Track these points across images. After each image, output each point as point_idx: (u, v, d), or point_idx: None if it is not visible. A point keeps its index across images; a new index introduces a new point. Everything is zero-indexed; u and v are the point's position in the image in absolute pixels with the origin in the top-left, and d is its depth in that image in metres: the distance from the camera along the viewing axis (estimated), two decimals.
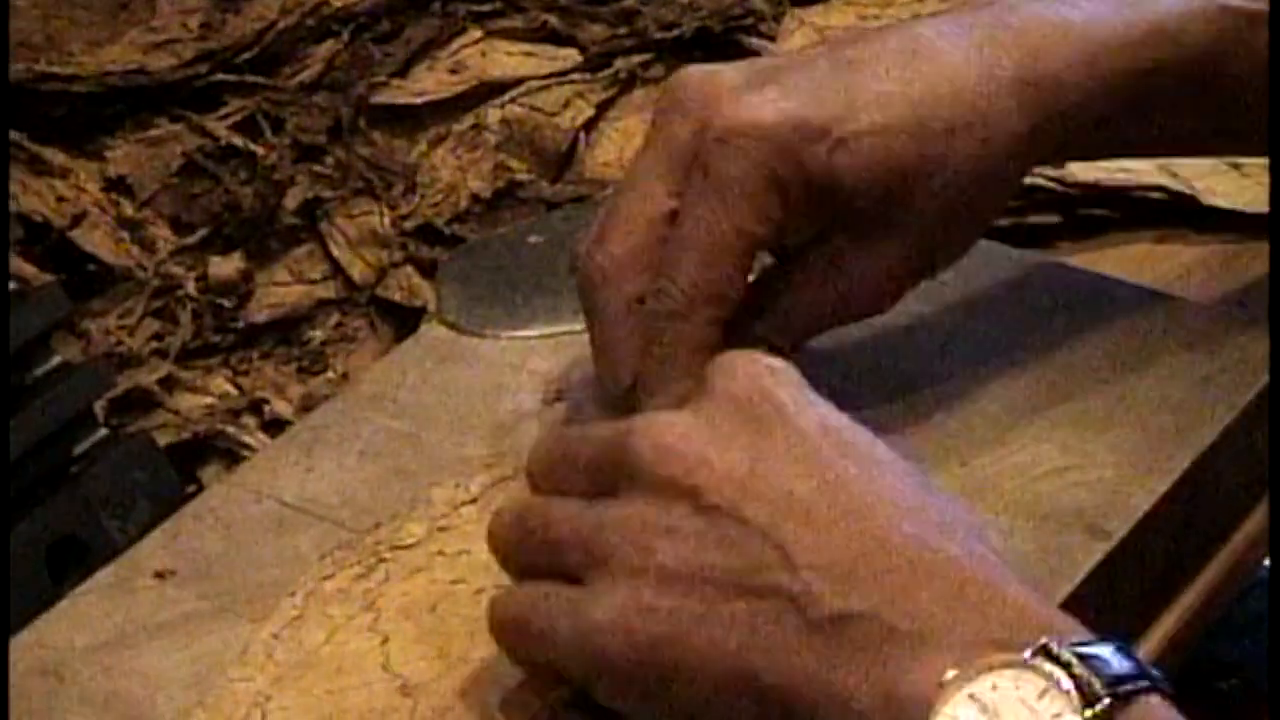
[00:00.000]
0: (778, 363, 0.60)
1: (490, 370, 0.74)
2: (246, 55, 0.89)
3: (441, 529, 0.66)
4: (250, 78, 0.89)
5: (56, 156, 0.86)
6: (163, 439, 0.76)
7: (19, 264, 0.80)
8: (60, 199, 0.84)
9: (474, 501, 0.67)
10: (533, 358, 0.75)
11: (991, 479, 0.67)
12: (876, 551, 0.55)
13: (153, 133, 0.87)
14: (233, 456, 0.77)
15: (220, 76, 0.88)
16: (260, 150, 0.86)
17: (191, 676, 0.63)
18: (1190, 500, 0.67)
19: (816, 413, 0.59)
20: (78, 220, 0.84)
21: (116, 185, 0.86)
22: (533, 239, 0.81)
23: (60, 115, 0.87)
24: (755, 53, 0.91)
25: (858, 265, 0.66)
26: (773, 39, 0.92)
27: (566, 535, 0.59)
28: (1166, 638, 0.68)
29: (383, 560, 0.65)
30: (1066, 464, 0.67)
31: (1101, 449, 0.68)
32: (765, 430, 0.58)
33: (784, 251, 0.67)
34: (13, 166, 0.85)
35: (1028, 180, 0.72)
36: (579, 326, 0.76)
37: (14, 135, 0.85)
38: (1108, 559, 0.64)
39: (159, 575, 0.67)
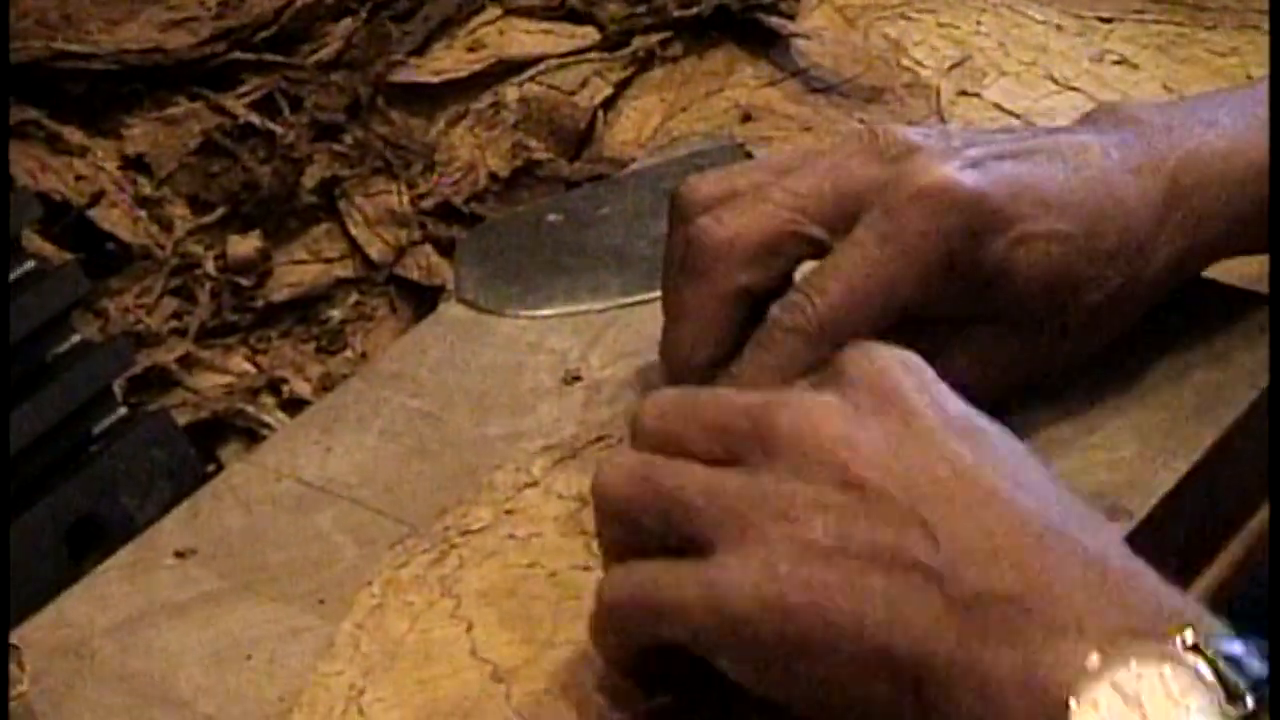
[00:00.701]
0: (911, 356, 0.60)
1: (509, 349, 0.74)
2: (264, 33, 0.89)
3: (508, 512, 0.66)
4: (268, 56, 0.88)
5: (74, 135, 0.86)
6: (181, 418, 0.76)
7: (38, 243, 0.79)
8: (79, 178, 0.84)
9: (536, 484, 0.67)
10: (551, 337, 0.75)
11: None
12: (1017, 536, 0.55)
13: (170, 111, 0.87)
14: (251, 435, 0.77)
15: (238, 55, 0.88)
16: (278, 129, 0.86)
17: (212, 656, 0.63)
18: (1211, 479, 0.67)
19: (950, 404, 0.59)
20: (96, 199, 0.83)
21: (134, 163, 0.86)
22: (552, 218, 0.81)
23: (78, 93, 0.86)
24: (774, 31, 0.90)
25: (988, 357, 0.66)
26: (792, 17, 0.91)
27: (699, 500, 0.58)
28: None
29: (454, 546, 0.65)
30: (1088, 443, 0.67)
31: (1123, 427, 0.67)
32: (902, 417, 0.58)
33: (910, 319, 0.67)
34: (31, 145, 0.85)
35: None
36: (598, 305, 0.76)
37: (33, 114, 0.85)
38: (1129, 538, 0.64)
39: (179, 554, 0.67)
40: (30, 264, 0.70)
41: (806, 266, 0.67)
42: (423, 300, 0.83)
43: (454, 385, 0.73)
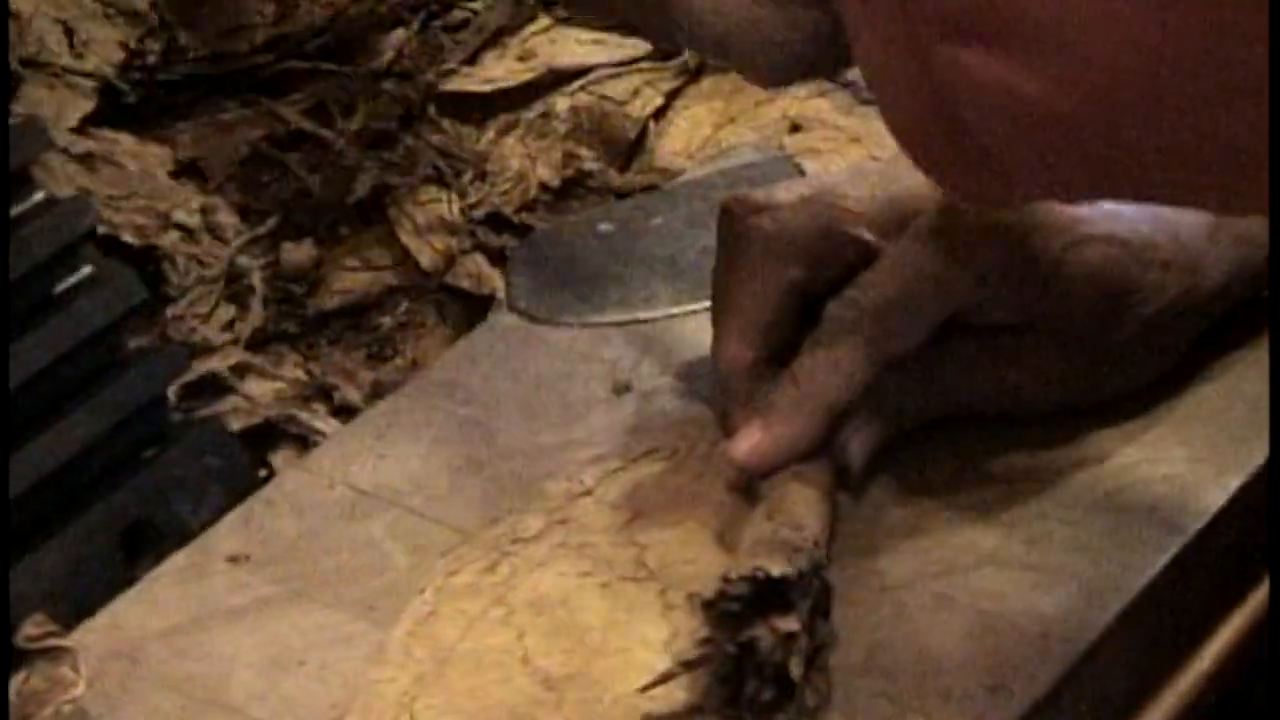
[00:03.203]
0: None
1: (560, 358, 0.74)
2: (318, 42, 0.89)
3: (560, 522, 0.66)
4: (322, 64, 0.89)
5: (128, 142, 0.87)
6: (234, 424, 0.76)
7: (94, 250, 0.80)
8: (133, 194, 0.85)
9: (589, 494, 0.68)
10: (602, 346, 0.75)
11: (1064, 471, 0.67)
12: None
13: (224, 117, 0.88)
14: (303, 442, 0.77)
15: (292, 63, 0.89)
16: (330, 136, 0.87)
17: (265, 661, 0.63)
18: (1262, 497, 0.67)
19: None
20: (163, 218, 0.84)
21: (187, 169, 0.87)
22: (603, 227, 0.81)
23: (134, 101, 0.87)
24: None
25: (1045, 368, 0.66)
26: None
27: None
28: (1236, 633, 0.68)
29: (506, 554, 0.65)
30: (1139, 458, 0.67)
31: (1174, 444, 0.67)
32: None
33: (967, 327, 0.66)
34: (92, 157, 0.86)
35: None
36: (649, 315, 0.76)
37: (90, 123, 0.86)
38: (1181, 555, 0.64)
39: (232, 560, 0.67)
40: (87, 270, 0.71)
41: None
42: (472, 309, 0.83)
43: (505, 394, 0.73)
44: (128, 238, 0.82)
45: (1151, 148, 0.46)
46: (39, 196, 0.69)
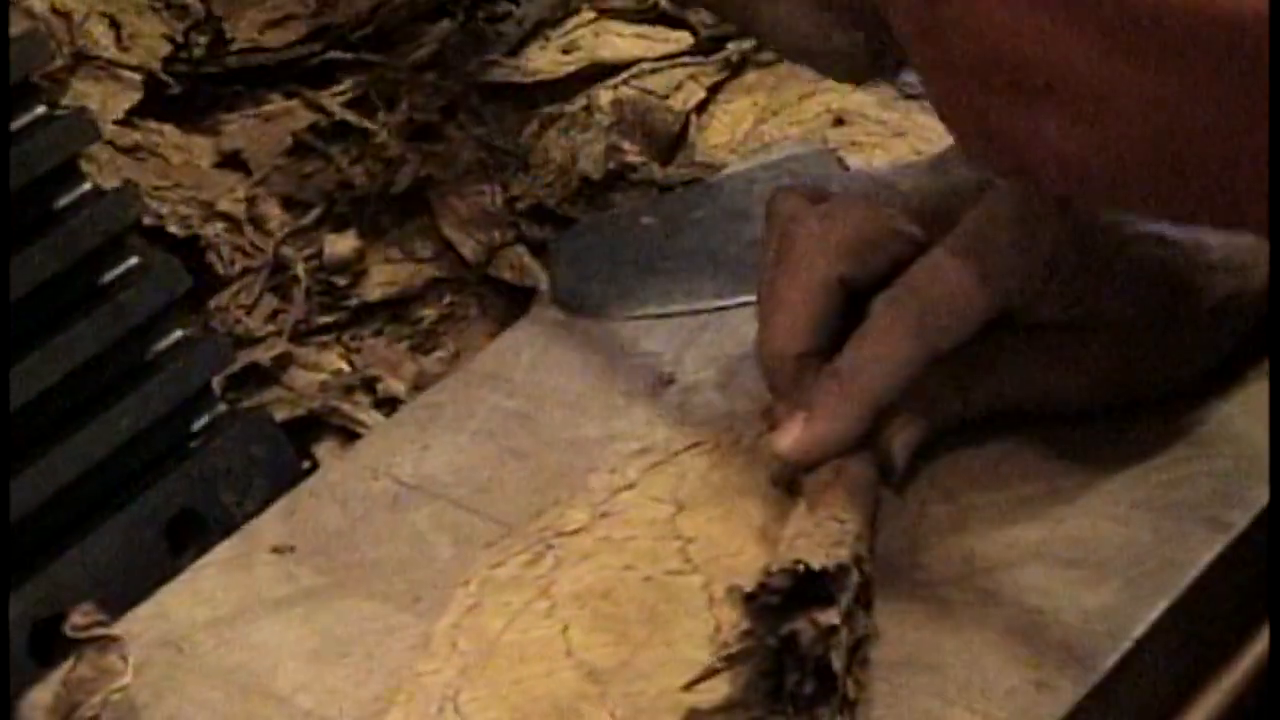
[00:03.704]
0: None
1: (603, 351, 0.75)
2: (361, 32, 0.89)
3: (603, 515, 0.66)
4: (365, 55, 0.89)
5: (172, 134, 0.87)
6: (277, 415, 0.76)
7: (139, 241, 0.80)
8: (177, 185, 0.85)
9: (632, 487, 0.68)
10: (645, 339, 0.75)
11: (1109, 468, 0.67)
12: None
13: (267, 108, 0.88)
14: (346, 433, 0.78)
15: (335, 54, 0.89)
16: (373, 127, 0.87)
17: (310, 651, 0.63)
18: None
19: None
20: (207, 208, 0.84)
21: (231, 161, 0.87)
22: (645, 220, 0.81)
23: (178, 93, 0.87)
24: None
25: (1097, 367, 0.66)
26: None
27: None
28: None
29: (550, 547, 0.65)
30: (1185, 455, 0.67)
31: (1221, 441, 0.67)
32: None
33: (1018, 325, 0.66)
34: (138, 148, 0.86)
35: None
36: (692, 308, 0.76)
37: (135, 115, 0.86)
38: (1227, 551, 0.64)
39: (277, 550, 0.67)
40: (133, 260, 0.71)
41: None
42: (515, 301, 0.83)
43: (548, 386, 0.73)
44: (172, 228, 0.83)
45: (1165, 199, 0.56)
46: (86, 188, 0.70)
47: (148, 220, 0.81)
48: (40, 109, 0.68)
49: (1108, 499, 0.66)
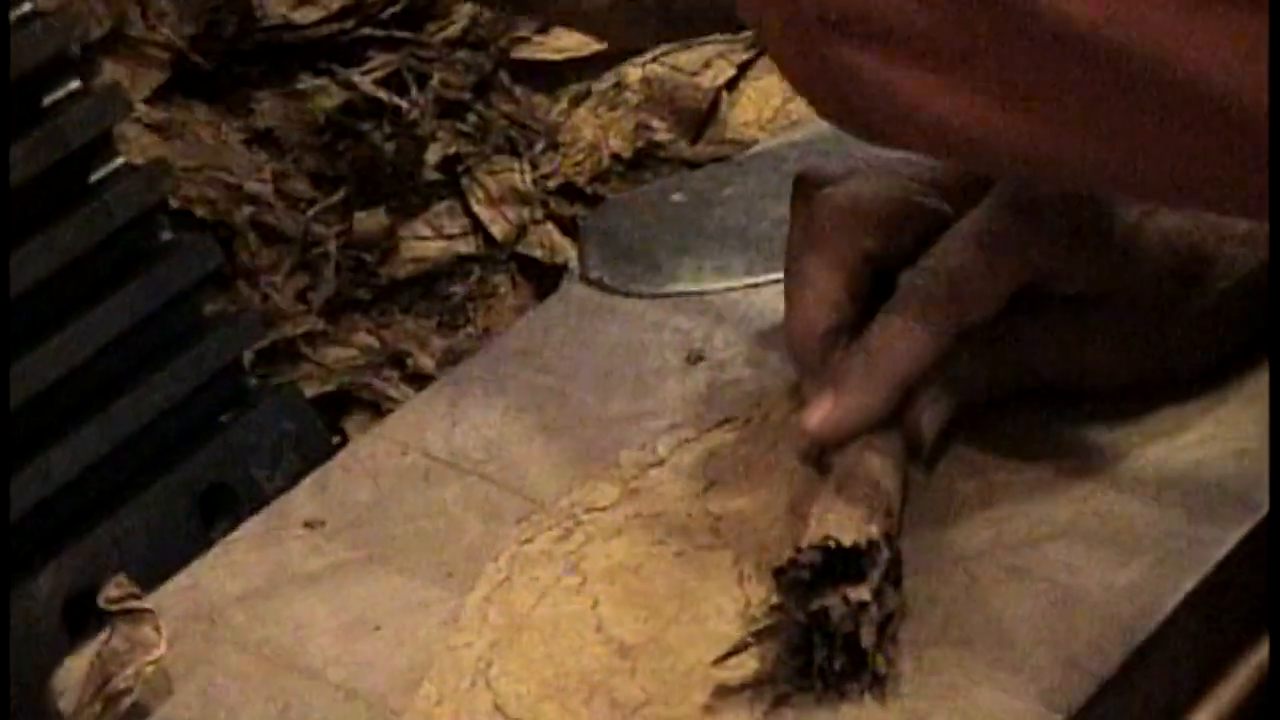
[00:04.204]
0: None
1: (633, 328, 0.75)
2: (392, 10, 0.90)
3: (633, 491, 0.67)
4: (396, 33, 0.89)
5: (202, 112, 0.87)
6: (307, 390, 0.77)
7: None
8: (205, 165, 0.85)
9: (662, 463, 0.68)
10: (675, 316, 0.75)
11: (1138, 445, 0.67)
12: None
13: (298, 87, 0.88)
14: (375, 408, 0.78)
15: (366, 31, 0.89)
16: (404, 105, 0.87)
17: (342, 625, 0.64)
18: None
19: None
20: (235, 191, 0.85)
21: (262, 138, 0.87)
22: (675, 197, 0.81)
23: (208, 71, 0.88)
24: None
25: (1123, 340, 0.66)
26: None
27: None
28: None
29: (580, 523, 0.66)
30: (1214, 433, 0.67)
31: (1249, 419, 0.67)
32: None
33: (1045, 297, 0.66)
34: (167, 126, 0.86)
35: None
36: (722, 285, 0.76)
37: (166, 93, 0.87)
38: (1255, 530, 0.64)
39: (308, 525, 0.67)
40: (165, 235, 0.72)
41: None
42: (543, 278, 0.83)
43: (578, 363, 0.73)
44: (200, 213, 0.83)
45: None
46: (119, 162, 0.70)
47: (176, 204, 0.81)
48: (75, 83, 0.68)
49: (1136, 477, 0.66)
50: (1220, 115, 0.51)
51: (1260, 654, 0.66)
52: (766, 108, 0.87)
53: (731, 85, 0.88)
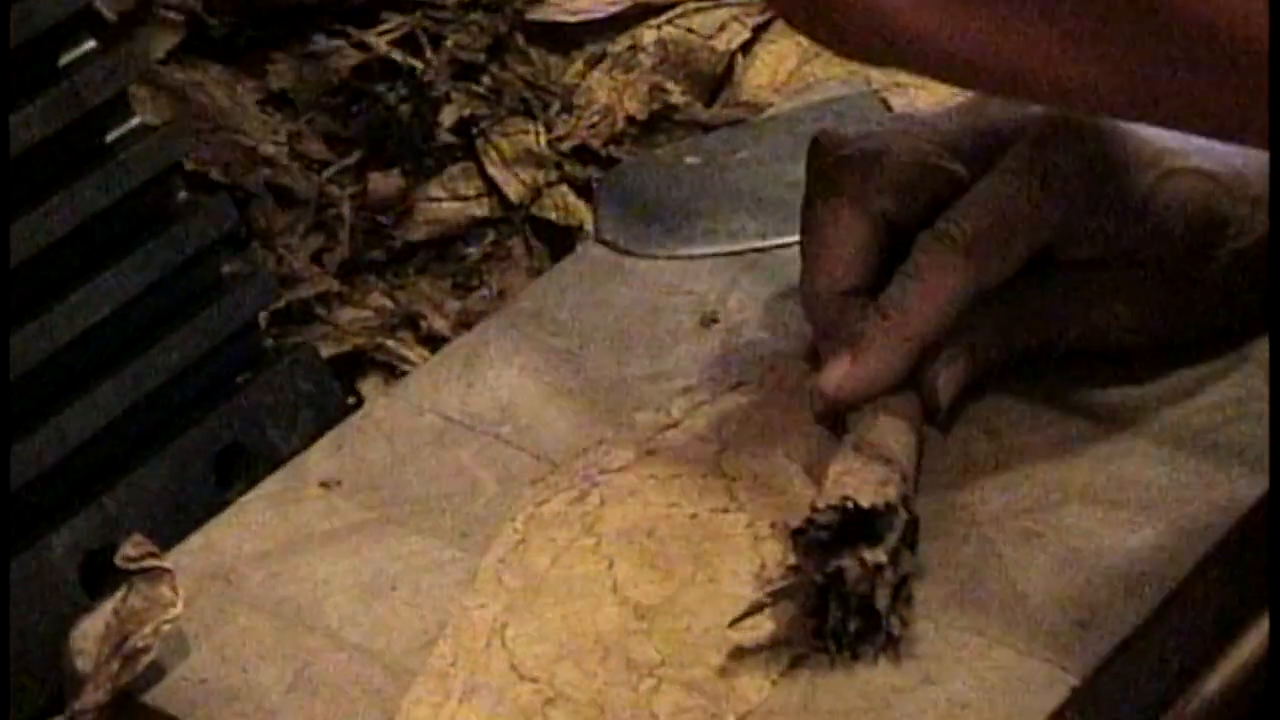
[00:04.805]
0: None
1: (648, 290, 0.75)
2: None
3: (649, 453, 0.67)
4: None
5: (216, 73, 0.87)
6: (323, 352, 0.77)
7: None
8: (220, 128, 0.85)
9: (676, 425, 0.68)
10: (689, 278, 0.75)
11: (1152, 409, 0.67)
12: None
13: (312, 48, 0.88)
14: (390, 370, 0.78)
15: None
16: (419, 66, 0.87)
17: (358, 586, 0.64)
18: None
19: None
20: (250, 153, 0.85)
21: (276, 100, 0.87)
22: (690, 160, 0.81)
23: (223, 33, 0.88)
24: None
25: (1140, 302, 0.66)
26: None
27: None
28: None
29: (595, 484, 0.66)
30: (1228, 396, 0.67)
31: (1263, 381, 0.67)
32: None
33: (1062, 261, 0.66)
34: (181, 88, 0.86)
35: None
36: (736, 248, 0.76)
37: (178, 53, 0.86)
38: (1270, 494, 0.64)
39: (324, 485, 0.68)
40: (181, 195, 0.72)
41: None
42: (558, 240, 0.83)
43: (593, 325, 0.73)
44: (215, 175, 0.83)
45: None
46: (135, 122, 0.70)
47: (190, 165, 0.81)
48: (91, 43, 0.68)
49: (1151, 440, 0.66)
50: (1225, 49, 0.51)
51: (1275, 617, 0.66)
52: (781, 71, 0.87)
53: (746, 48, 0.88)
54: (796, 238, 0.70)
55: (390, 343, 0.79)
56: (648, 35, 0.89)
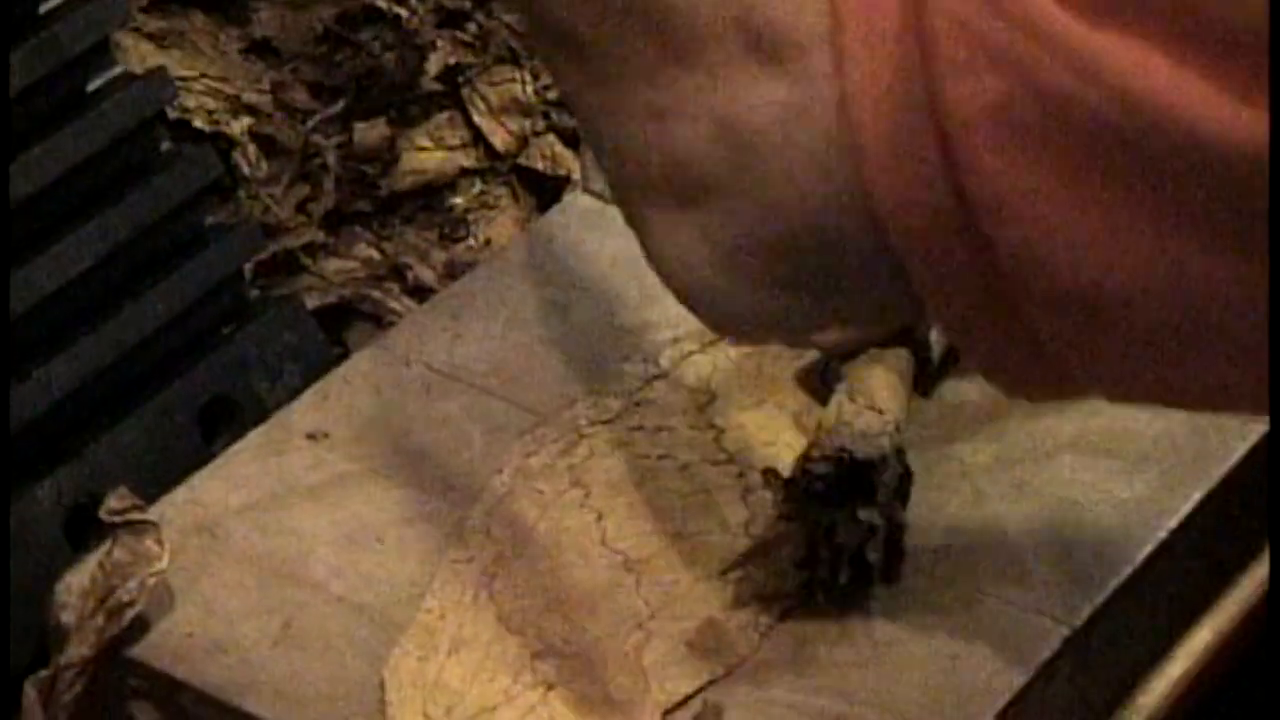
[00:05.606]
0: None
1: (635, 241, 0.74)
2: None
3: (637, 404, 0.66)
4: None
5: (200, 20, 0.86)
6: (309, 303, 0.76)
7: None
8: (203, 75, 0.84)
9: (665, 376, 0.68)
10: None
11: None
12: None
13: None
14: (377, 321, 0.77)
15: None
16: (404, 14, 0.86)
17: (344, 537, 0.63)
18: None
19: None
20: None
21: (260, 47, 0.86)
22: None
23: None
24: None
25: None
26: None
27: None
28: None
29: (584, 436, 0.65)
30: None
31: None
32: None
33: None
34: (164, 35, 0.85)
35: None
36: None
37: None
38: (1261, 443, 0.64)
39: (310, 437, 0.67)
40: (165, 145, 0.71)
41: None
42: (544, 190, 0.83)
43: (581, 276, 0.73)
44: (199, 124, 0.82)
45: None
46: (117, 70, 0.69)
47: (174, 114, 0.80)
48: None
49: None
50: None
51: (1264, 567, 0.66)
52: None
53: None
54: None
55: (376, 293, 0.78)
56: None
